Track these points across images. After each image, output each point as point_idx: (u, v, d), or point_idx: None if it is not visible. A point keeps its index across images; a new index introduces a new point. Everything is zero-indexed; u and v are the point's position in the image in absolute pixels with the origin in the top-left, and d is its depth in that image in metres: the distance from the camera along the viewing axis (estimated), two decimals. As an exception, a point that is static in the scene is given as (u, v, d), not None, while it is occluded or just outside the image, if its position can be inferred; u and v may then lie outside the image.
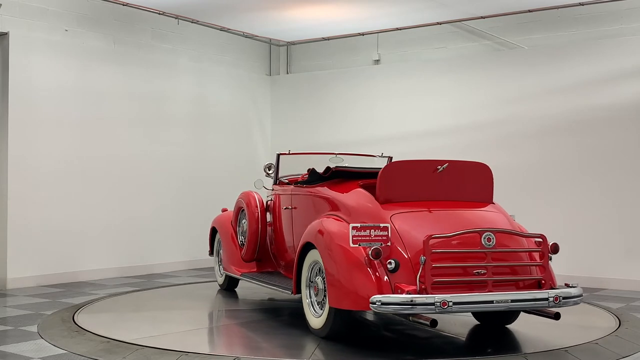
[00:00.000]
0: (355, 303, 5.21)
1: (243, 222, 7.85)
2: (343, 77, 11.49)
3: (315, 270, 5.82)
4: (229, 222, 8.18)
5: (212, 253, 8.65)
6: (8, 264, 8.60)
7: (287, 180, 7.56)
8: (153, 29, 10.44)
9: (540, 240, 5.43)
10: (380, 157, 7.94)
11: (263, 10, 9.93)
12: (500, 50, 10.28)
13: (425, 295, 4.93)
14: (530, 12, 9.79)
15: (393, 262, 5.15)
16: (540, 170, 9.64)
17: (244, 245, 7.71)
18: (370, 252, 5.17)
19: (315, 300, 5.83)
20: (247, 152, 11.74)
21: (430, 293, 4.97)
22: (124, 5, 9.72)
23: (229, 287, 8.27)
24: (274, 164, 7.69)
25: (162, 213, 10.41)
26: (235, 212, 8.08)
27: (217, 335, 6.47)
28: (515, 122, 9.84)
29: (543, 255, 5.40)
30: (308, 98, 11.84)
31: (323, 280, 5.61)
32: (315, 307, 5.83)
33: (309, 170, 6.91)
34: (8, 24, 8.75)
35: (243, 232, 7.83)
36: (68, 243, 9.20)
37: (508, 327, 6.20)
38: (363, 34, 11.23)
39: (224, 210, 8.53)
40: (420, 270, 5.03)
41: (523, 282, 5.37)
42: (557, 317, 5.46)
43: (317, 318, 5.77)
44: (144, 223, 10.15)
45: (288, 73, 12.29)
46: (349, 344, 5.55)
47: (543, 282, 5.35)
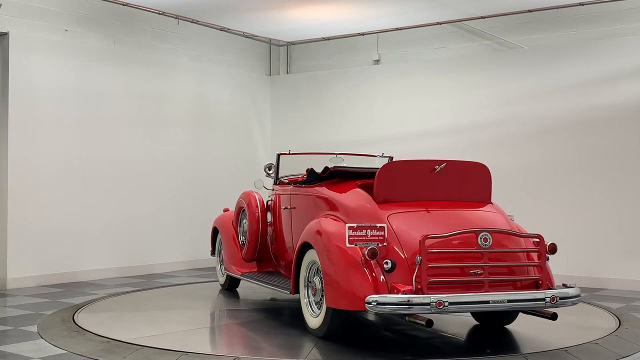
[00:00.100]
0: (352, 303, 5.20)
1: (244, 222, 7.86)
2: (343, 77, 11.49)
3: (313, 270, 5.82)
4: (230, 222, 8.19)
5: (213, 253, 8.65)
6: (8, 264, 8.61)
7: (287, 180, 7.57)
8: (153, 29, 10.45)
9: (538, 241, 5.42)
10: (381, 157, 7.93)
11: (263, 10, 9.93)
12: (500, 50, 10.27)
13: (421, 296, 4.93)
14: (530, 12, 9.78)
15: (389, 262, 5.15)
16: (540, 170, 9.63)
17: (245, 245, 7.72)
18: (367, 252, 5.16)
19: (313, 300, 5.84)
20: (247, 152, 11.74)
21: (426, 293, 4.96)
22: (124, 5, 9.73)
23: (230, 287, 8.28)
24: (274, 164, 7.70)
25: (162, 213, 10.41)
26: (236, 212, 8.09)
27: (216, 335, 6.47)
28: (515, 122, 9.83)
29: (540, 256, 5.39)
30: (308, 98, 11.84)
31: (321, 280, 5.61)
32: (313, 307, 5.83)
33: (308, 171, 6.92)
34: (8, 24, 8.77)
35: (244, 232, 7.84)
36: (68, 243, 9.21)
37: (507, 327, 6.19)
38: (363, 34, 11.23)
39: (226, 210, 8.54)
40: (417, 271, 5.03)
41: (520, 282, 5.36)
42: (554, 317, 5.44)
43: (314, 318, 5.78)
44: (144, 223, 10.16)
45: (288, 73, 12.29)
46: (347, 344, 5.55)
47: (540, 282, 5.34)
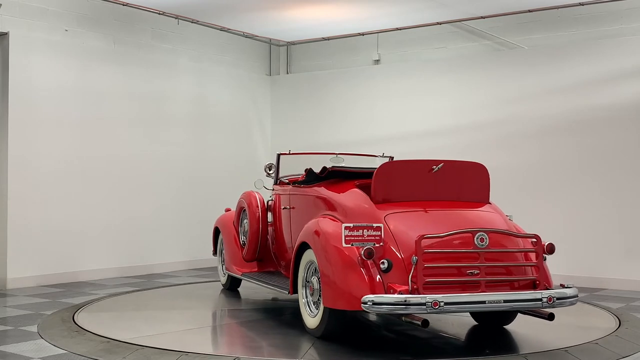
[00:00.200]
0: (349, 303, 5.20)
1: (245, 222, 7.87)
2: (343, 77, 11.49)
3: (311, 270, 5.83)
4: (232, 222, 8.20)
5: (215, 253, 8.66)
6: (8, 264, 8.62)
7: (287, 180, 7.57)
8: (153, 29, 10.45)
9: (535, 241, 5.41)
10: (382, 157, 7.92)
11: (263, 10, 9.93)
12: (500, 50, 10.26)
13: (417, 296, 4.92)
14: (530, 12, 9.77)
15: (386, 262, 5.15)
16: (540, 170, 9.63)
17: (245, 245, 7.72)
18: (363, 252, 5.17)
19: (311, 300, 5.84)
20: (247, 152, 11.75)
21: (422, 293, 4.96)
22: (124, 5, 9.73)
23: (232, 287, 8.28)
24: (275, 164, 7.71)
25: (162, 213, 10.42)
26: (237, 212, 8.09)
27: (216, 335, 6.48)
28: (515, 122, 9.83)
29: (537, 256, 5.38)
30: (308, 98, 11.84)
31: (318, 280, 5.61)
32: (311, 307, 5.84)
33: (307, 171, 6.92)
34: (8, 24, 8.78)
35: (244, 232, 7.84)
36: (68, 243, 9.22)
37: (507, 327, 6.18)
38: (363, 34, 11.23)
39: (228, 210, 8.54)
40: (412, 271, 5.03)
41: (518, 282, 5.35)
42: (551, 317, 5.43)
43: (312, 318, 5.78)
44: (144, 223, 10.17)
45: (288, 73, 12.29)
46: (344, 344, 5.55)
47: (538, 282, 5.33)
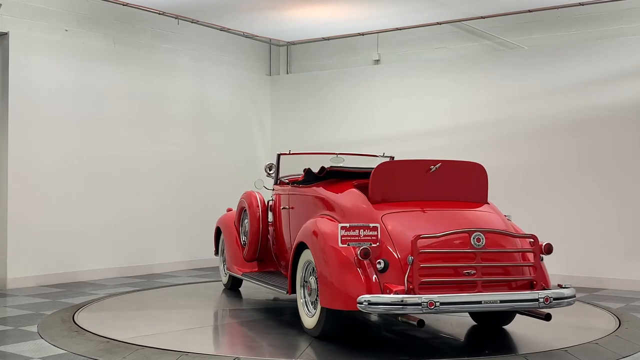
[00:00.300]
0: (345, 303, 5.20)
1: (245, 222, 7.88)
2: (343, 77, 11.49)
3: (309, 270, 5.83)
4: (233, 222, 8.20)
5: (217, 253, 8.67)
6: (8, 264, 8.63)
7: (287, 180, 7.58)
8: (153, 29, 10.46)
9: (532, 241, 5.40)
10: (382, 157, 7.92)
11: (263, 10, 9.93)
12: (500, 50, 10.26)
13: (412, 296, 4.92)
14: (530, 12, 9.77)
15: (382, 262, 5.15)
16: (540, 170, 9.62)
17: (246, 245, 7.73)
18: (359, 252, 5.17)
19: (309, 300, 5.85)
20: (247, 152, 11.75)
21: (418, 293, 4.96)
22: (124, 5, 9.74)
23: (233, 286, 8.29)
24: (275, 164, 7.71)
25: (162, 213, 10.42)
26: (238, 212, 8.10)
27: (216, 335, 6.48)
28: (515, 122, 9.82)
29: (535, 256, 5.37)
30: (308, 98, 11.84)
31: (316, 280, 5.61)
32: (309, 306, 5.84)
33: (305, 171, 6.92)
34: (8, 24, 8.79)
35: (245, 232, 7.85)
36: (68, 243, 9.23)
37: (507, 327, 6.17)
38: (363, 34, 11.23)
39: (229, 210, 8.55)
40: (408, 271, 5.03)
41: (515, 282, 5.34)
42: (548, 318, 5.42)
43: (310, 318, 5.78)
44: (144, 223, 10.17)
45: (288, 73, 12.29)
46: (341, 344, 5.55)
47: (535, 282, 5.31)
